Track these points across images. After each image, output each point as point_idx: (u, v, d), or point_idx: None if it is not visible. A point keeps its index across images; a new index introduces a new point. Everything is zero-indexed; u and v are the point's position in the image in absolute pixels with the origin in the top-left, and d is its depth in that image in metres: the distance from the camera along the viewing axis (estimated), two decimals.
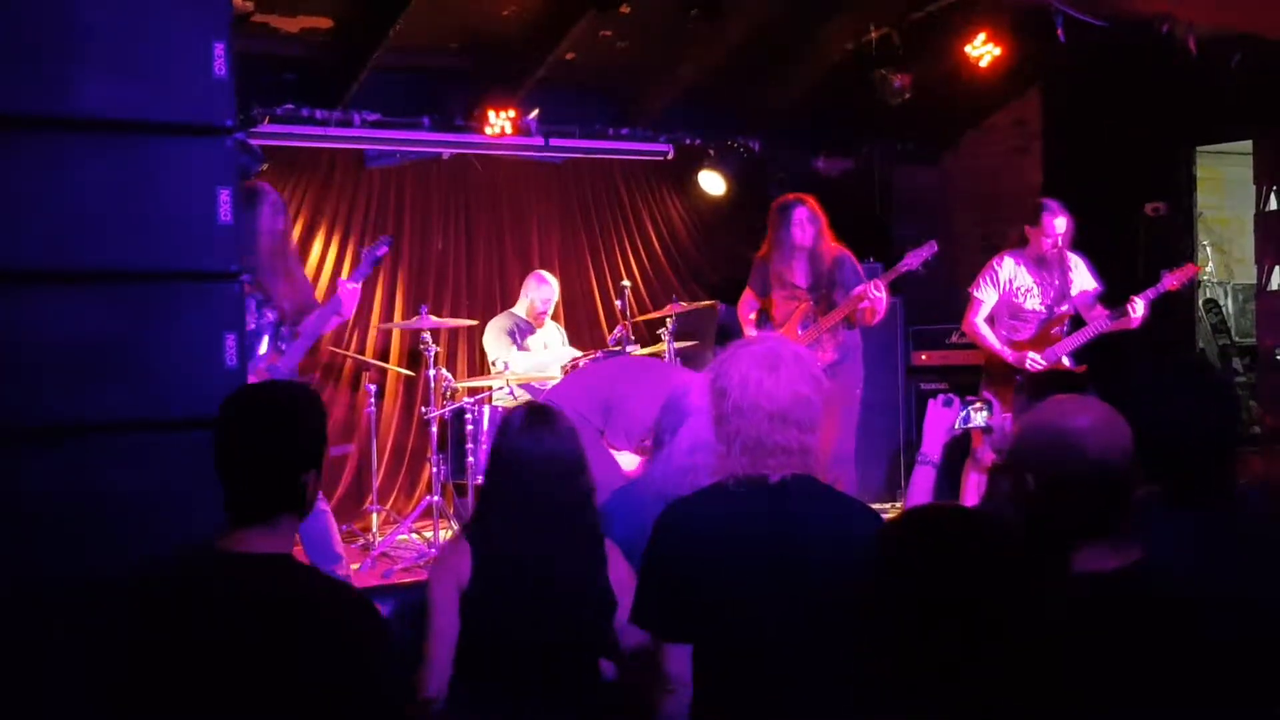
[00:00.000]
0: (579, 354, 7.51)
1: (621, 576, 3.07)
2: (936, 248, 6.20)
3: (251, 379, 4.76)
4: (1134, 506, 2.20)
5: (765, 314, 6.48)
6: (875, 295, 6.04)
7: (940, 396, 3.56)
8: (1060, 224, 6.12)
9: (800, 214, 6.24)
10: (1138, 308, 5.95)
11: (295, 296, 5.11)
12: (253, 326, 4.97)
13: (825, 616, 2.59)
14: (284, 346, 5.06)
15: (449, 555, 3.12)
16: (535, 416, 3.15)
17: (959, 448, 5.84)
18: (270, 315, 5.04)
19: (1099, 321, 6.10)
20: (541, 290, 7.60)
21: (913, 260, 6.18)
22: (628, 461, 5.41)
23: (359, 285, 5.15)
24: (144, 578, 2.25)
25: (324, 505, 5.32)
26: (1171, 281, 6.00)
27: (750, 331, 6.46)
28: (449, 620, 2.97)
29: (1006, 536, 1.81)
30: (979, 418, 3.59)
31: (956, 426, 3.55)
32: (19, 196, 2.88)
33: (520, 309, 7.68)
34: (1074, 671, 1.92)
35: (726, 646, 2.66)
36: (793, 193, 6.46)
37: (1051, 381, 3.43)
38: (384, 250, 5.40)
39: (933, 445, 3.49)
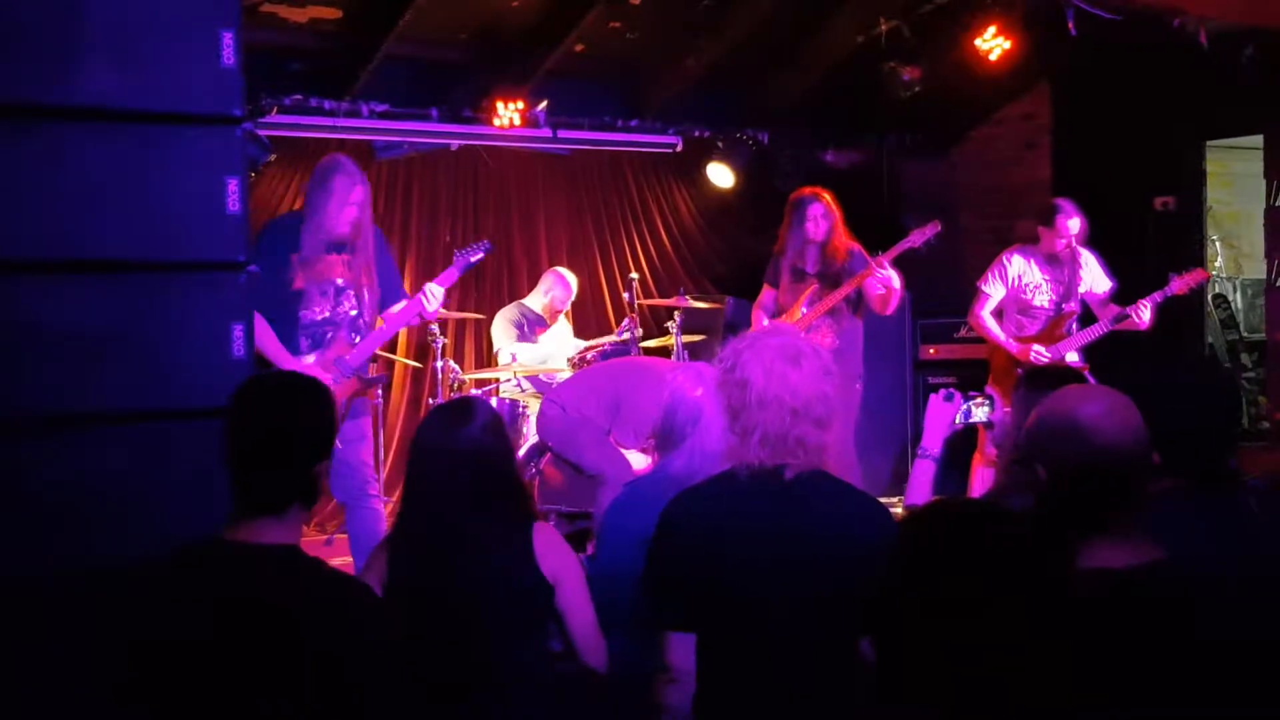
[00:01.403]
0: (584, 344, 7.52)
1: (559, 560, 3.05)
2: (940, 227, 6.19)
3: (317, 370, 4.66)
4: (1149, 500, 2.19)
5: (778, 308, 6.47)
6: (882, 274, 6.02)
7: (941, 391, 3.57)
8: (1074, 225, 6.09)
9: (815, 209, 6.24)
10: (1144, 314, 5.93)
11: (375, 287, 4.94)
12: (326, 314, 4.82)
13: (833, 610, 2.59)
14: (357, 339, 4.89)
15: (372, 559, 3.13)
16: (450, 411, 3.16)
17: (967, 442, 5.84)
18: (348, 304, 4.87)
19: (1105, 321, 6.09)
20: (560, 289, 7.62)
21: (916, 238, 6.17)
22: (636, 460, 5.42)
23: (443, 290, 5.00)
24: (154, 568, 2.25)
25: (378, 505, 5.15)
26: (1179, 285, 5.97)
27: (761, 322, 6.45)
28: None
29: (1023, 532, 1.80)
30: (980, 413, 3.60)
31: (958, 421, 3.56)
32: (26, 186, 2.89)
33: (534, 303, 7.68)
34: (1085, 669, 1.91)
35: (732, 637, 2.66)
36: (809, 186, 6.44)
37: (1051, 374, 3.42)
38: (480, 255, 5.20)
39: (933, 439, 3.50)
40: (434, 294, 4.96)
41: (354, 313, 4.90)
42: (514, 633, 3.00)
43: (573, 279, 7.72)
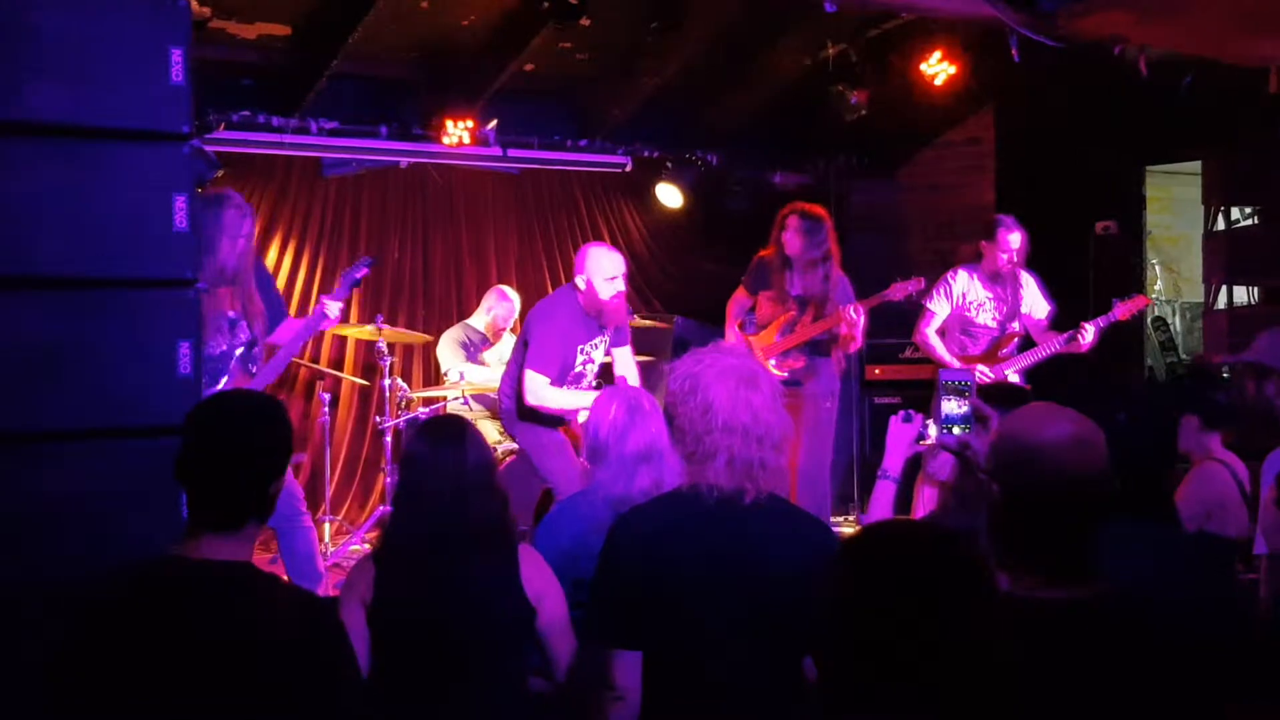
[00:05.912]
0: None
1: (543, 582, 3.08)
2: (924, 283, 6.23)
3: None
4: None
5: (752, 315, 6.44)
6: (853, 319, 6.02)
7: (900, 412, 3.56)
8: (1015, 240, 6.21)
9: (793, 222, 6.20)
10: (1088, 334, 6.03)
11: (263, 314, 4.95)
12: (224, 348, 4.80)
13: (779, 631, 2.61)
14: (255, 369, 4.90)
15: (354, 574, 3.12)
16: (440, 427, 3.17)
17: (912, 462, 5.87)
18: (243, 335, 4.87)
19: (1050, 344, 6.17)
20: (503, 306, 7.61)
21: (897, 292, 6.17)
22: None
23: (339, 305, 5.03)
24: (107, 586, 2.24)
25: (309, 523, 5.21)
26: (1122, 311, 6.08)
27: (733, 333, 6.43)
28: (355, 639, 2.98)
29: (963, 553, 1.82)
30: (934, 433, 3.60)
31: (918, 441, 3.56)
32: None
33: (478, 322, 7.68)
34: (1016, 694, 1.93)
35: (680, 656, 2.67)
36: (805, 203, 6.38)
37: (1002, 392, 3.46)
38: (364, 272, 5.24)
39: (893, 461, 3.49)
40: (332, 307, 4.99)
41: (249, 342, 4.90)
42: (495, 652, 3.01)
43: (515, 296, 7.72)
